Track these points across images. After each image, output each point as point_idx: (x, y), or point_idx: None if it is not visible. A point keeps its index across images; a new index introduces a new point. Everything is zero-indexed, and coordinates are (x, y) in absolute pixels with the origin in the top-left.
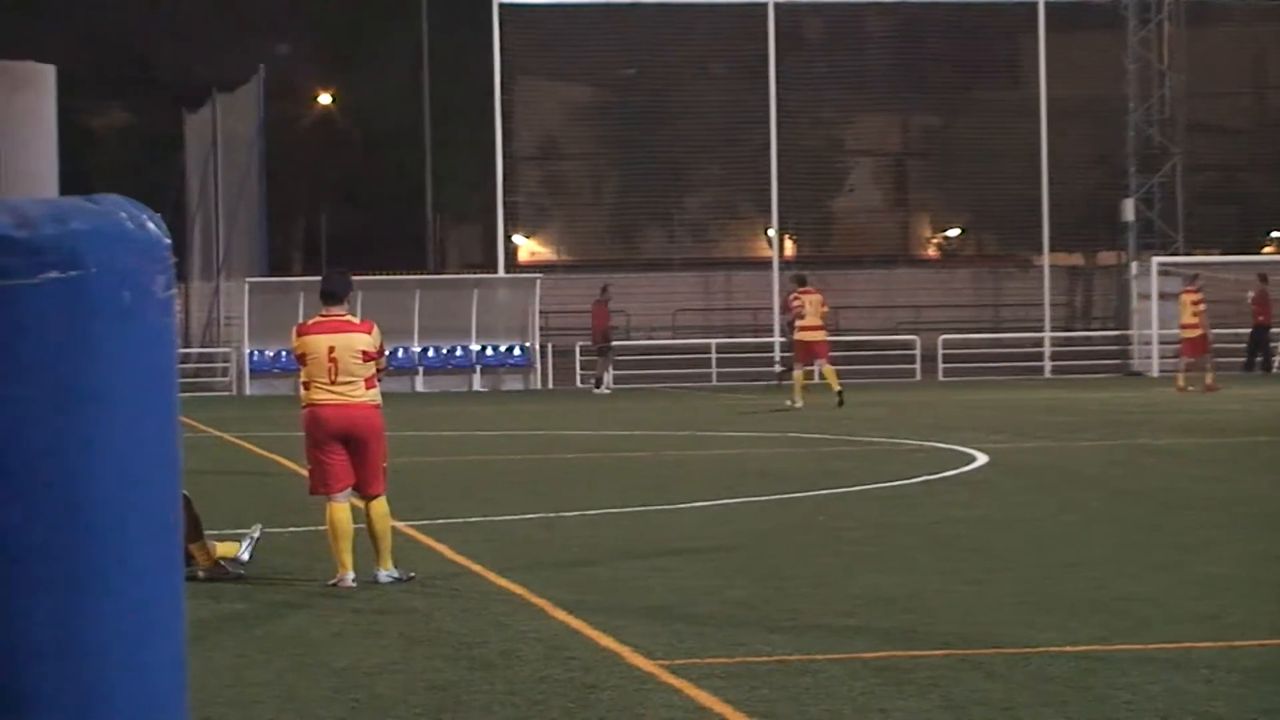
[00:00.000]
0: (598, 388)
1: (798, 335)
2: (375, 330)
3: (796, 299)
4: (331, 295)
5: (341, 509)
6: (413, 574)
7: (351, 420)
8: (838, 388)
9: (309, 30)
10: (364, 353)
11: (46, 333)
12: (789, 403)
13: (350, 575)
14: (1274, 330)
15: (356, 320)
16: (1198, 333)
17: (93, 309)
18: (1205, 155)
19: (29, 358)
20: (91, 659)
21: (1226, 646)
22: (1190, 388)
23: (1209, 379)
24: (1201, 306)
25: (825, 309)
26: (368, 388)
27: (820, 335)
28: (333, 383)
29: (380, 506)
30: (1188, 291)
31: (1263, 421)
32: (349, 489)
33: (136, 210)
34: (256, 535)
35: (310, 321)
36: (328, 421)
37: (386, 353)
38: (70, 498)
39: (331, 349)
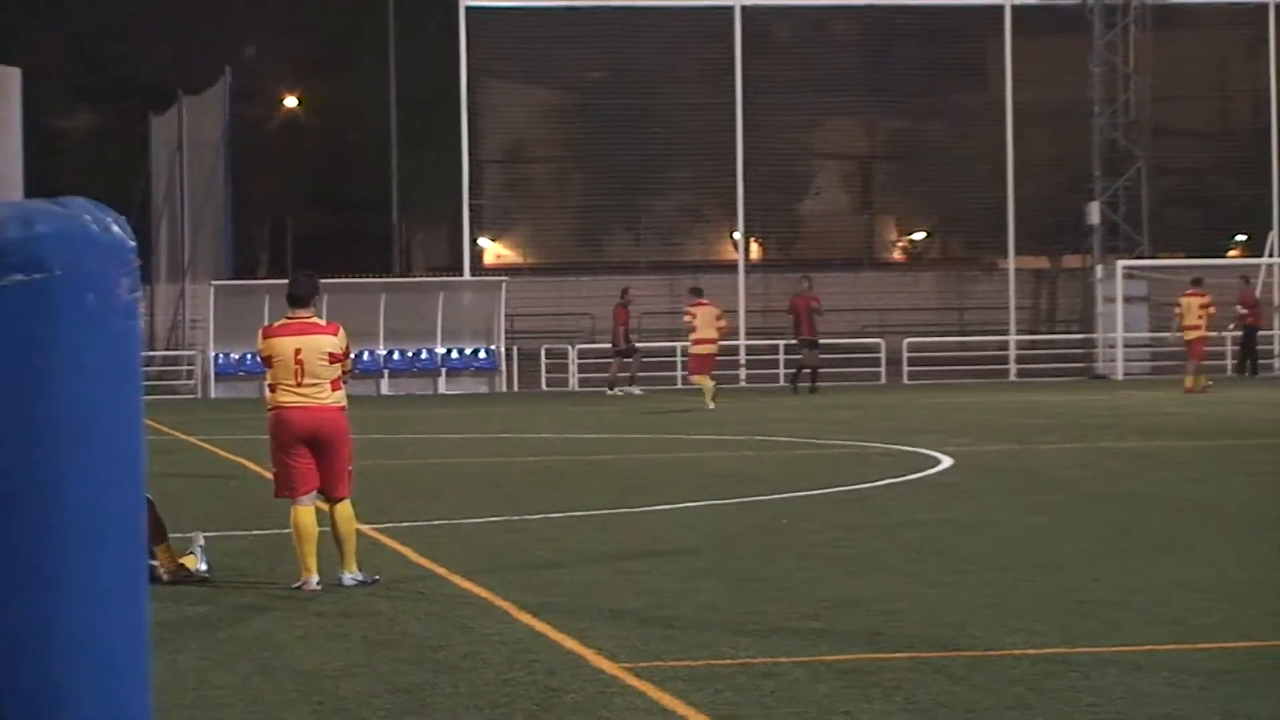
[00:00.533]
0: (611, 389)
1: (692, 348)
2: (341, 332)
3: (689, 312)
4: (298, 298)
5: (306, 512)
6: (377, 577)
7: (317, 423)
8: (712, 405)
9: (275, 33)
10: (330, 355)
11: (11, 335)
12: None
13: (314, 578)
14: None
15: (322, 322)
16: (1200, 334)
17: (57, 311)
18: (1170, 159)
19: None
20: (58, 656)
21: (1190, 649)
22: (1210, 383)
23: (1199, 381)
24: (1211, 310)
25: (722, 322)
26: (333, 390)
27: (711, 349)
28: (299, 385)
29: (345, 509)
30: (1195, 294)
31: (1227, 424)
32: (314, 492)
33: (102, 213)
34: (201, 543)
35: (277, 324)
36: (293, 424)
37: (353, 355)
38: (35, 498)
39: (298, 351)
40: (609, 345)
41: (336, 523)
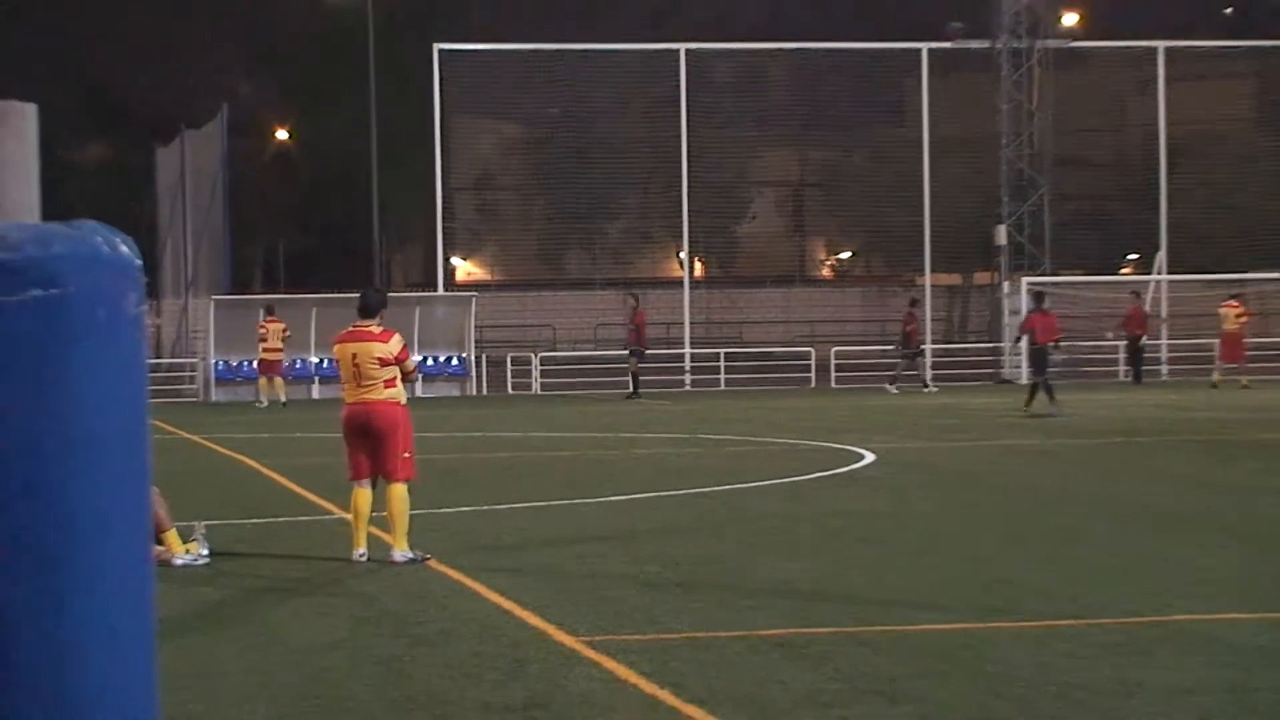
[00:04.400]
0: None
1: (261, 355)
2: (395, 339)
3: (263, 327)
4: (362, 309)
5: (359, 494)
6: (428, 556)
7: (369, 416)
8: (283, 399)
9: (269, 73)
10: (380, 359)
11: (29, 345)
12: (260, 403)
13: (358, 551)
14: (1149, 342)
15: (377, 330)
16: (1236, 335)
17: (71, 324)
18: (1070, 186)
19: (13, 366)
20: (70, 636)
21: (1086, 625)
22: (1248, 382)
23: (1244, 380)
24: (1245, 319)
25: (287, 334)
26: (386, 388)
27: (278, 356)
28: (357, 385)
29: (397, 491)
30: (1230, 305)
31: (1118, 425)
32: (369, 478)
33: (111, 234)
34: (203, 530)
35: (343, 332)
36: (351, 419)
37: (412, 357)
38: (49, 495)
39: (354, 356)
40: (614, 351)
41: (389, 503)
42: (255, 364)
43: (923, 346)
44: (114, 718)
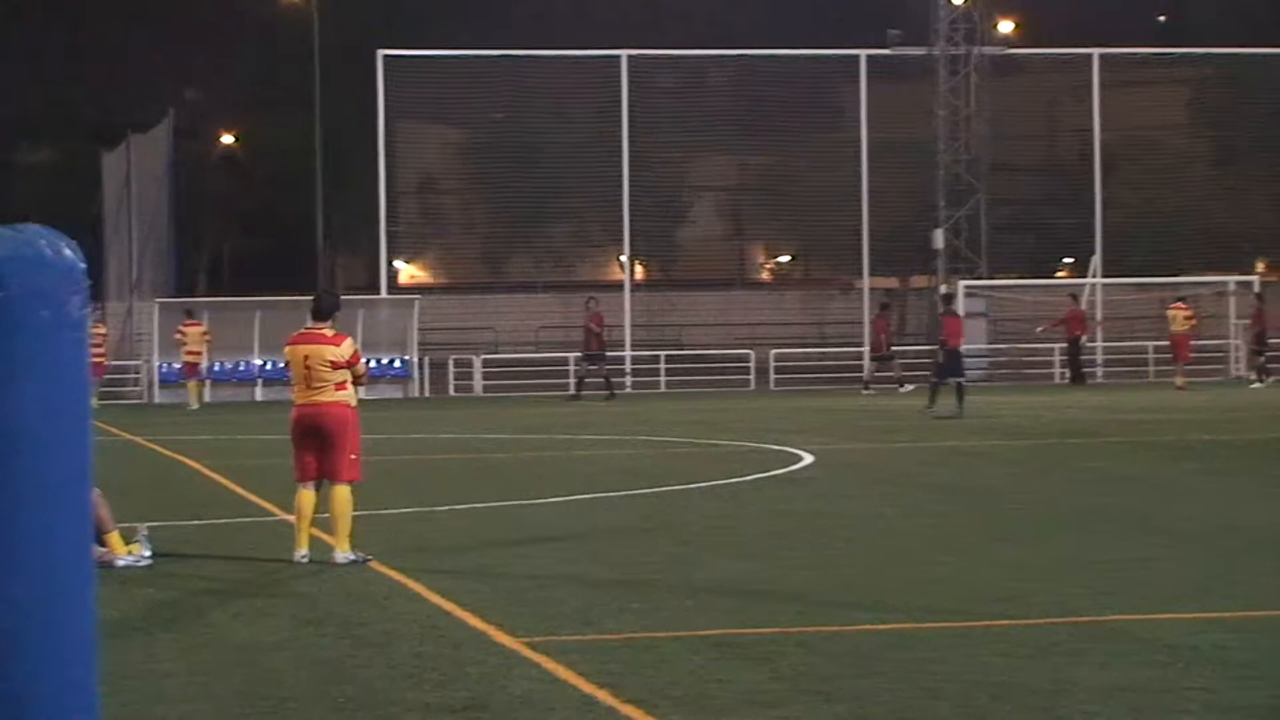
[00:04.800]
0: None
1: (185, 357)
2: (347, 343)
3: (180, 332)
4: (316, 312)
5: (305, 495)
6: (370, 557)
7: (320, 417)
8: (196, 406)
9: (214, 78)
10: (332, 362)
11: None
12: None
13: (300, 552)
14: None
15: (330, 334)
16: (1185, 337)
17: (14, 325)
18: (1006, 191)
19: None
20: (11, 634)
21: (1022, 624)
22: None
23: (1179, 381)
24: (1194, 321)
25: (207, 337)
26: (337, 390)
27: (197, 358)
28: (308, 387)
29: (341, 493)
30: (1178, 307)
31: (1053, 426)
32: (315, 479)
33: (55, 238)
34: (145, 532)
35: (295, 334)
36: (301, 420)
37: (364, 360)
38: None
39: (306, 358)
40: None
41: (333, 503)
42: (180, 368)
43: (893, 349)
44: (55, 715)
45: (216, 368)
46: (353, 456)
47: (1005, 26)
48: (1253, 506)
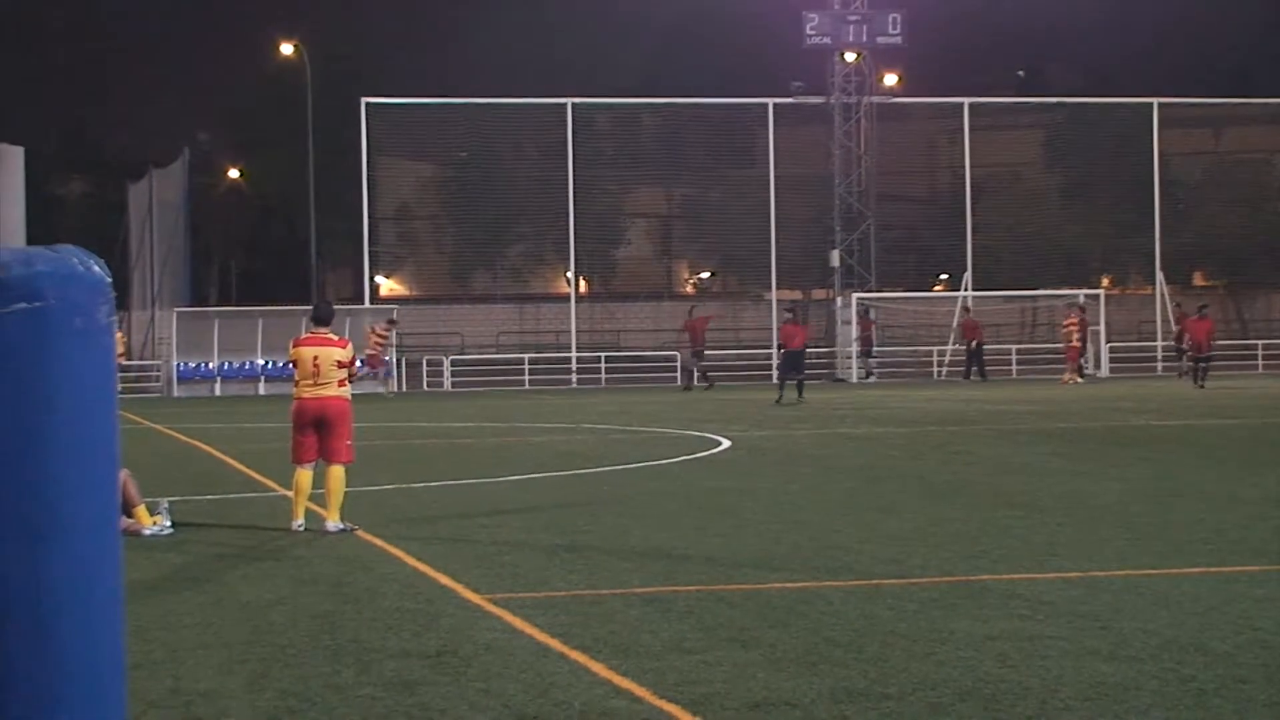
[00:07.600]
0: (702, 382)
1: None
2: (349, 346)
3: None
4: (318, 318)
5: (304, 474)
6: (356, 527)
7: (324, 409)
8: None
9: (223, 121)
10: (339, 362)
11: (16, 349)
12: None
13: (297, 522)
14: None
15: (335, 338)
16: (1074, 344)
17: (52, 331)
18: (891, 217)
19: (2, 368)
20: (46, 594)
21: (906, 584)
22: (1077, 380)
23: (1066, 377)
24: (1079, 330)
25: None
26: (339, 386)
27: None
28: (315, 383)
29: (337, 472)
30: (1070, 320)
31: (937, 415)
32: (313, 461)
33: (85, 256)
34: (166, 505)
35: (302, 336)
36: (307, 410)
37: (358, 361)
38: (34, 477)
39: (315, 358)
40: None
41: (329, 480)
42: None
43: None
44: (87, 661)
45: (225, 366)
46: (348, 442)
47: (890, 79)
48: (1094, 483)
